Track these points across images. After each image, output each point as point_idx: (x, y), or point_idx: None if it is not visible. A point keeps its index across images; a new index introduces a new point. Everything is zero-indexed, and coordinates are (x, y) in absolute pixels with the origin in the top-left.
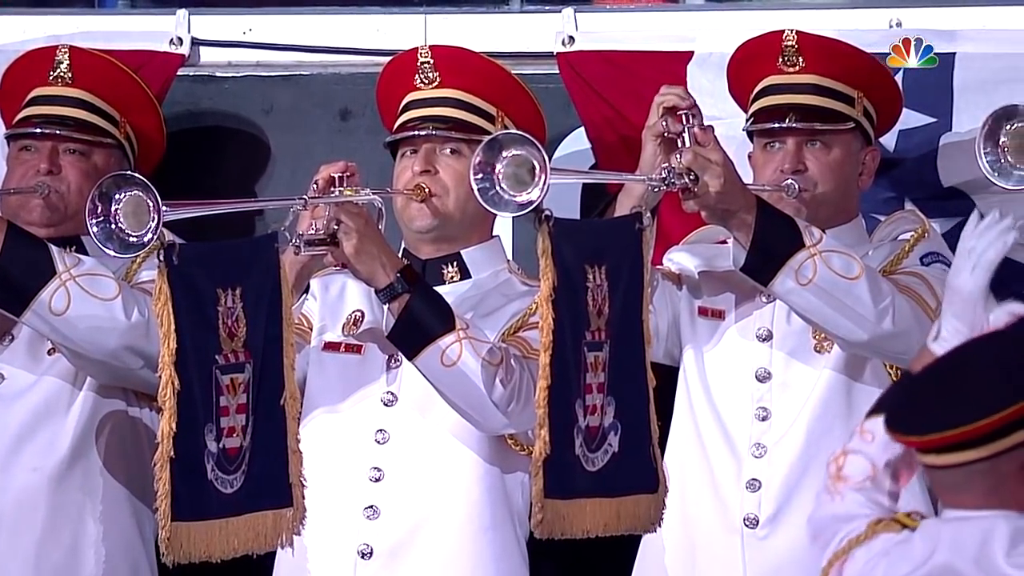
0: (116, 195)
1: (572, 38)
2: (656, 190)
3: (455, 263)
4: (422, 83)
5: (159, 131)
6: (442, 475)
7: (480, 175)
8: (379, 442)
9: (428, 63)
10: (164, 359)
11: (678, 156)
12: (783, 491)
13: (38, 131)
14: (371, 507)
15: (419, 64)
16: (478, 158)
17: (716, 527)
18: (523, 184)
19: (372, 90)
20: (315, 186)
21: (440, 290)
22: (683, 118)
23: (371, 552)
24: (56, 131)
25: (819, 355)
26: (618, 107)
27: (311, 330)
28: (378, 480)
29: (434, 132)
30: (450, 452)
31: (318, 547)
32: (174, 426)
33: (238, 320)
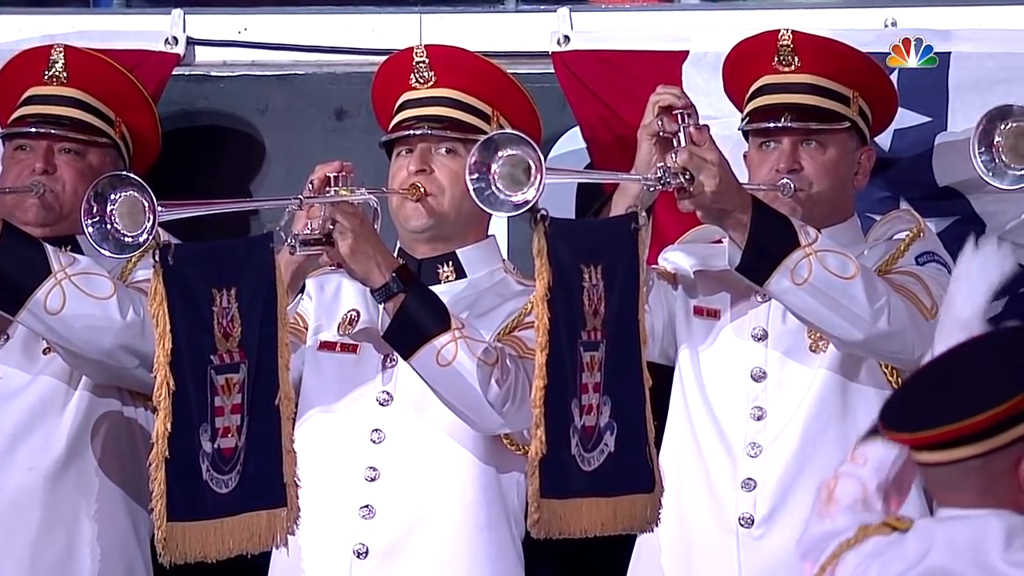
0: (112, 195)
1: (567, 37)
2: (652, 189)
3: (450, 263)
4: (418, 83)
5: (154, 131)
6: (438, 475)
7: (476, 175)
8: (375, 442)
9: (424, 63)
10: (159, 359)
11: (673, 156)
12: (778, 491)
13: (33, 130)
14: (367, 507)
15: (415, 64)
16: (474, 158)
17: (711, 527)
18: (519, 184)
19: (367, 90)
20: (310, 186)
21: (435, 290)
22: (679, 117)
23: (367, 552)
24: (51, 131)
25: (814, 355)
26: (613, 107)
27: (307, 330)
28: (374, 480)
29: (430, 132)
30: (446, 452)
31: (314, 546)
32: (169, 426)
33: (233, 320)
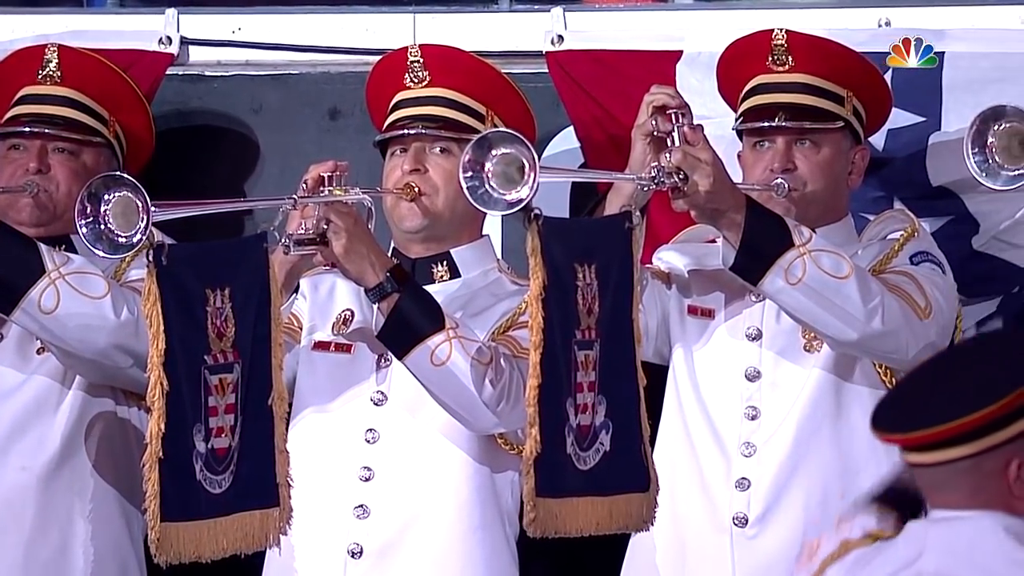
0: (105, 196)
1: (561, 37)
2: (645, 189)
3: (445, 262)
4: (412, 82)
5: (148, 130)
6: (432, 474)
7: (469, 173)
8: (369, 441)
9: (418, 62)
10: (153, 359)
11: (667, 155)
12: (772, 490)
13: (27, 130)
14: (361, 506)
15: (409, 63)
16: (467, 156)
17: (705, 526)
18: (512, 183)
19: (361, 89)
20: (304, 185)
21: (430, 289)
22: (672, 117)
23: (361, 551)
24: (45, 130)
25: (809, 354)
26: (607, 106)
27: (301, 330)
28: (368, 480)
29: (424, 131)
30: (440, 451)
31: (308, 546)
32: (163, 426)
33: (227, 320)
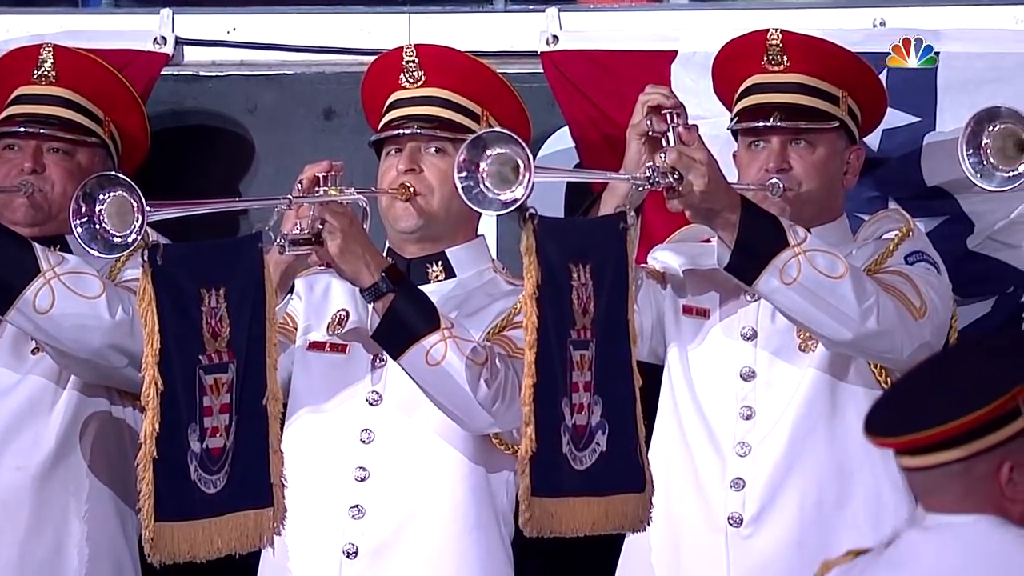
0: (100, 195)
1: (556, 37)
2: (640, 189)
3: (440, 262)
4: (407, 82)
5: (143, 130)
6: (427, 474)
7: (464, 173)
8: (364, 442)
9: (413, 62)
10: (147, 359)
11: (662, 155)
12: (767, 490)
13: (22, 130)
14: (356, 507)
15: (404, 63)
16: (462, 156)
17: (700, 526)
18: (507, 182)
19: (356, 89)
20: (299, 185)
21: (425, 289)
22: (668, 117)
23: (356, 552)
24: (40, 130)
25: (803, 354)
26: (602, 106)
27: (296, 330)
28: (363, 480)
29: (419, 131)
30: (435, 452)
31: (303, 547)
32: (157, 426)
33: (222, 320)
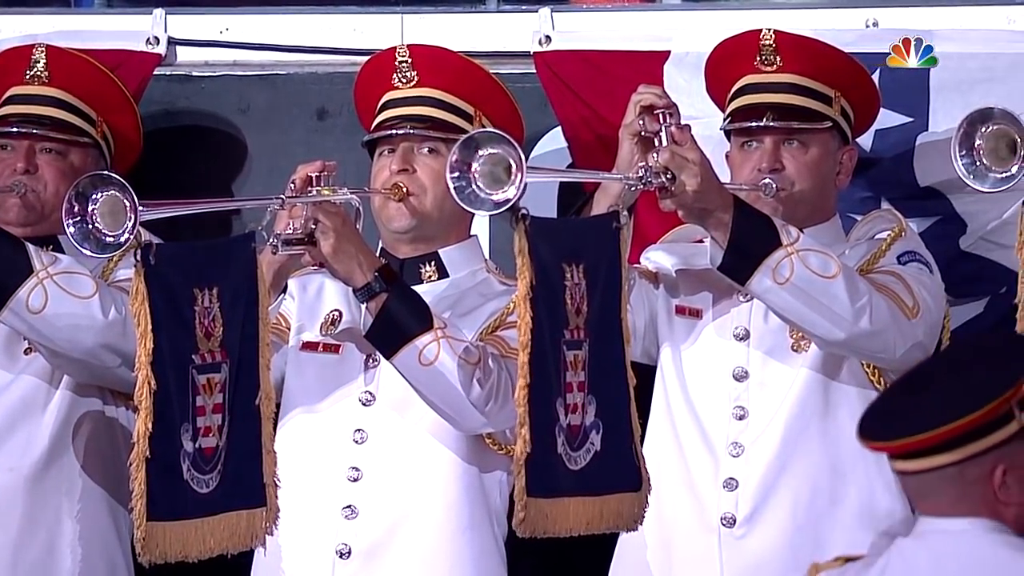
0: (93, 195)
1: (549, 38)
2: (633, 189)
3: (433, 262)
4: (400, 82)
5: (136, 130)
6: (420, 475)
7: (456, 173)
8: (357, 442)
9: (406, 62)
10: (140, 359)
11: (655, 155)
12: (760, 490)
13: (15, 130)
14: (349, 507)
15: (397, 63)
16: (454, 156)
17: (693, 526)
18: (499, 182)
19: (349, 90)
20: (292, 185)
21: (418, 289)
22: (660, 117)
23: (349, 552)
24: (33, 130)
25: (796, 354)
26: (595, 106)
27: (289, 330)
28: (356, 480)
29: (412, 131)
30: (428, 452)
31: (296, 547)
32: (150, 426)
33: (215, 320)
